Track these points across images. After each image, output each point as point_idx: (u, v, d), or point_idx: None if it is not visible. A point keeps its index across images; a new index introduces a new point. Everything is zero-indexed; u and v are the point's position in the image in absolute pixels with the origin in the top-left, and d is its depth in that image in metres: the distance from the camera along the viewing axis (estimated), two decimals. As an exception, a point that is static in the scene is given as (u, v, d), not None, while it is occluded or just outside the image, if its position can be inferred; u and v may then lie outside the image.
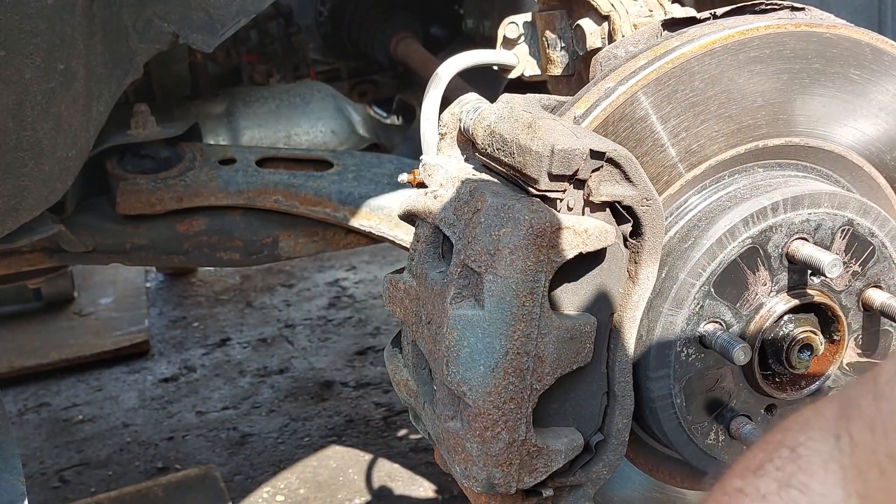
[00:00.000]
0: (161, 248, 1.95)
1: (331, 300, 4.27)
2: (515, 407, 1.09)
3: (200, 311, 4.27)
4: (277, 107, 2.23)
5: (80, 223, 1.89)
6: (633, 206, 1.12)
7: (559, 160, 1.06)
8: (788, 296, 1.23)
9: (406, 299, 1.23)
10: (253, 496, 2.74)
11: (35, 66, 1.35)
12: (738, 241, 1.18)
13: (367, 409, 3.21)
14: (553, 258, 1.06)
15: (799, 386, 1.27)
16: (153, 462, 2.98)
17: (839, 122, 1.30)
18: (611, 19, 1.53)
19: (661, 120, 1.20)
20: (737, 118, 1.23)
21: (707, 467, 1.28)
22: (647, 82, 1.19)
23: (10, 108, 1.36)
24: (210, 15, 1.55)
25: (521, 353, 1.07)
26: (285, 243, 2.01)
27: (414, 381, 1.26)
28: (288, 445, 3.00)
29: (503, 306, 1.06)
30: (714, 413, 1.25)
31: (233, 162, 1.98)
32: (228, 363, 3.69)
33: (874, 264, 1.27)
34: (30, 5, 1.30)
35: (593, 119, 1.18)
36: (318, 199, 1.97)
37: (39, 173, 1.46)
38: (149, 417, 3.29)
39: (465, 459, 1.12)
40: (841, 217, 1.23)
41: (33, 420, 3.33)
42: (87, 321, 4.01)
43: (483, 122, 1.17)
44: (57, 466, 3.00)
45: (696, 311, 1.19)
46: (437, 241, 1.20)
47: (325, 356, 3.67)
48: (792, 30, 1.25)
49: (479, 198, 1.10)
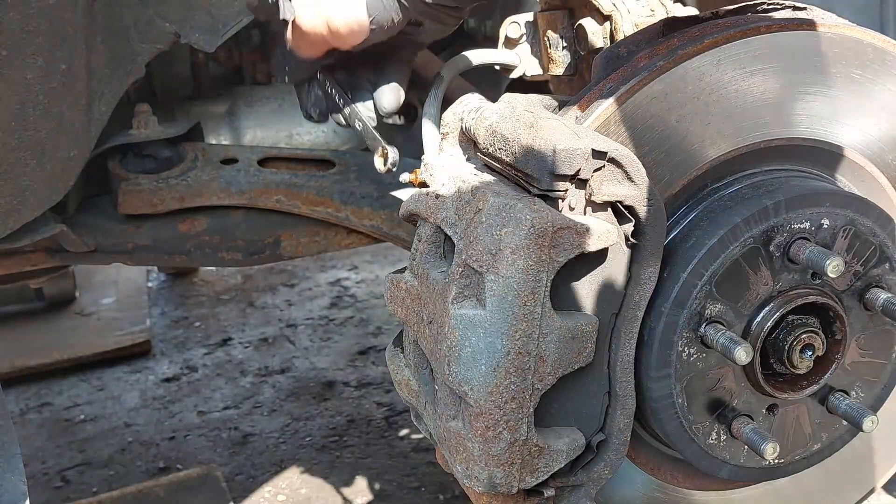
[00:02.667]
0: (163, 248, 1.95)
1: (332, 300, 4.26)
2: (517, 407, 1.09)
3: (202, 310, 4.28)
4: (279, 106, 2.22)
5: (82, 223, 1.89)
6: (634, 206, 1.12)
7: (561, 160, 1.06)
8: (790, 296, 1.22)
9: (408, 299, 1.23)
10: (255, 496, 2.74)
11: (37, 66, 1.35)
12: (740, 241, 1.18)
13: (368, 409, 3.20)
14: (555, 258, 1.06)
15: (800, 386, 1.27)
16: (155, 462, 2.98)
17: (841, 122, 1.30)
18: (612, 19, 1.53)
19: (662, 119, 1.20)
20: (738, 118, 1.23)
21: (708, 467, 1.28)
22: (649, 82, 1.19)
23: (12, 108, 1.36)
24: (212, 15, 1.55)
25: (522, 352, 1.07)
26: (287, 243, 2.01)
27: (415, 380, 1.26)
28: (290, 445, 3.00)
29: (505, 306, 1.06)
30: (715, 413, 1.25)
31: (235, 162, 1.97)
32: (230, 363, 3.69)
33: (876, 264, 1.27)
34: (31, 5, 1.30)
35: (595, 119, 1.18)
36: (319, 198, 1.97)
37: (41, 173, 1.46)
38: (150, 417, 3.29)
39: (467, 459, 1.12)
40: (843, 217, 1.23)
41: (35, 420, 3.33)
42: (89, 321, 4.01)
43: (485, 122, 1.17)
44: (59, 466, 3.00)
45: (698, 311, 1.19)
46: (439, 240, 1.20)
47: (326, 356, 3.67)
48: (794, 29, 1.25)
49: (480, 197, 1.10)
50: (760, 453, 1.21)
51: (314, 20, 1.33)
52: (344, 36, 1.32)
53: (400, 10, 1.28)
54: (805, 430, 1.31)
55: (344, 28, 1.31)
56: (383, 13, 1.28)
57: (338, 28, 1.31)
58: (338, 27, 1.31)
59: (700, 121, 1.21)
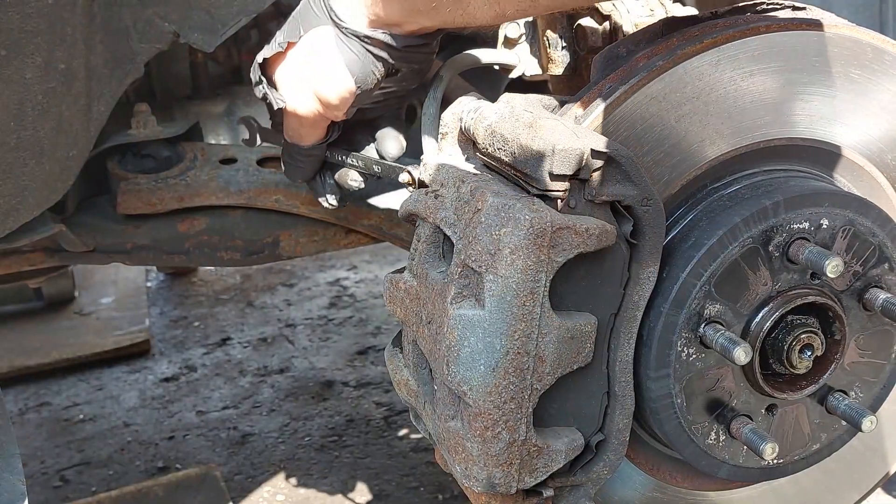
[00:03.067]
0: (162, 248, 1.95)
1: (331, 300, 4.27)
2: (516, 407, 1.09)
3: (201, 310, 4.28)
4: (278, 106, 2.22)
5: (81, 223, 1.89)
6: (633, 206, 1.12)
7: (560, 160, 1.06)
8: (789, 296, 1.22)
9: (406, 299, 1.23)
10: (253, 496, 2.74)
11: (36, 65, 1.35)
12: (739, 241, 1.18)
13: (367, 409, 3.21)
14: (554, 258, 1.06)
15: (799, 386, 1.27)
16: (154, 461, 2.98)
17: (840, 122, 1.30)
18: (612, 19, 1.53)
19: (661, 119, 1.20)
20: (737, 118, 1.23)
21: (707, 467, 1.28)
22: (648, 81, 1.19)
23: (11, 107, 1.36)
24: (211, 15, 1.55)
25: (521, 352, 1.07)
26: (286, 243, 2.00)
27: (414, 380, 1.26)
28: (288, 445, 3.00)
29: (504, 306, 1.06)
30: (714, 413, 1.25)
31: (234, 161, 1.97)
32: (229, 363, 3.69)
33: (875, 264, 1.27)
34: (30, 4, 1.30)
35: (594, 119, 1.18)
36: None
37: (40, 173, 1.46)
38: (149, 417, 3.29)
39: (466, 459, 1.12)
40: (842, 217, 1.23)
41: (34, 419, 3.33)
42: (88, 321, 4.01)
43: (484, 122, 1.17)
44: (58, 466, 3.00)
45: (697, 311, 1.19)
46: (438, 240, 1.20)
47: (325, 356, 3.67)
48: (793, 29, 1.25)
49: (479, 197, 1.10)
50: (759, 453, 1.21)
51: (304, 99, 1.38)
52: (336, 105, 1.37)
53: (377, 62, 1.32)
54: (804, 431, 1.31)
55: (335, 97, 1.35)
56: (363, 71, 1.33)
57: (328, 99, 1.36)
58: (328, 98, 1.36)
59: (699, 121, 1.21)
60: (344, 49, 1.31)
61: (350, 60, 1.32)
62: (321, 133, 1.48)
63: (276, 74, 1.40)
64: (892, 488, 2.44)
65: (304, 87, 1.37)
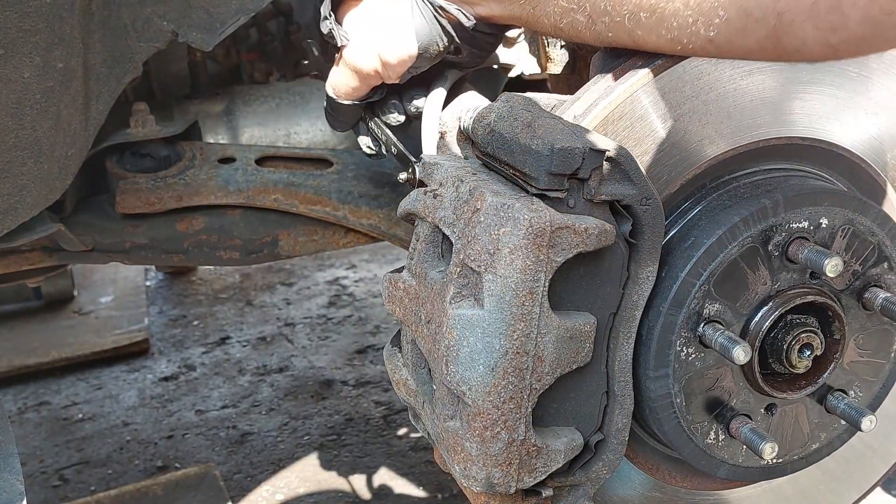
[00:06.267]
0: (161, 247, 1.94)
1: (331, 299, 4.27)
2: (515, 406, 1.08)
3: (200, 309, 4.27)
4: (277, 105, 2.22)
5: (80, 222, 1.89)
6: (632, 206, 1.12)
7: (559, 159, 1.06)
8: (789, 295, 1.22)
9: (405, 298, 1.23)
10: (252, 495, 2.74)
11: (34, 64, 1.35)
12: (739, 241, 1.18)
13: (366, 408, 3.21)
14: (553, 258, 1.06)
15: (799, 386, 1.27)
16: (153, 461, 2.98)
17: (838, 120, 1.30)
18: (611, 18, 1.52)
19: (660, 118, 1.20)
20: (736, 116, 1.23)
21: (706, 467, 1.28)
22: (647, 80, 1.19)
23: (9, 106, 1.36)
24: (209, 13, 1.55)
25: (520, 352, 1.07)
26: (285, 242, 2.00)
27: (413, 380, 1.26)
28: (287, 444, 3.00)
29: (503, 306, 1.05)
30: (714, 412, 1.25)
31: (232, 161, 1.97)
32: (228, 362, 3.69)
33: (874, 264, 1.26)
34: (28, 4, 1.30)
35: (593, 118, 1.18)
36: (317, 197, 1.97)
37: (39, 172, 1.46)
38: (148, 416, 3.29)
39: (465, 459, 1.12)
40: (841, 216, 1.23)
41: (33, 419, 3.33)
42: (87, 320, 4.01)
43: (483, 121, 1.17)
44: (57, 465, 3.00)
45: (696, 311, 1.18)
46: (437, 240, 1.20)
47: (324, 355, 3.67)
48: (792, 28, 1.25)
49: (478, 197, 1.10)
50: (759, 453, 1.21)
51: (365, 53, 1.38)
52: (394, 66, 1.36)
53: (443, 36, 1.33)
54: (803, 430, 1.31)
55: (395, 59, 1.35)
56: (429, 39, 1.33)
57: (388, 60, 1.35)
58: (388, 59, 1.35)
59: (698, 120, 1.21)
60: (416, 13, 1.32)
61: (419, 25, 1.32)
62: (363, 92, 1.47)
63: (346, 18, 1.39)
64: (891, 487, 2.44)
65: (370, 40, 1.36)
